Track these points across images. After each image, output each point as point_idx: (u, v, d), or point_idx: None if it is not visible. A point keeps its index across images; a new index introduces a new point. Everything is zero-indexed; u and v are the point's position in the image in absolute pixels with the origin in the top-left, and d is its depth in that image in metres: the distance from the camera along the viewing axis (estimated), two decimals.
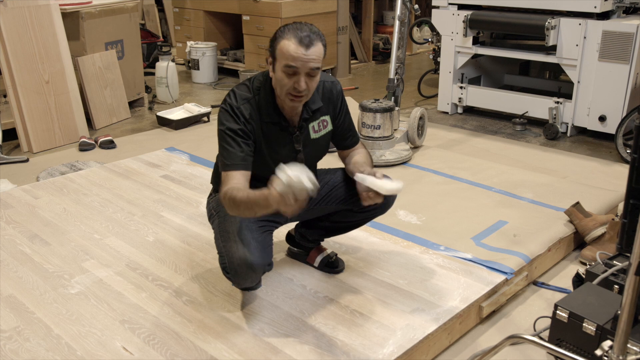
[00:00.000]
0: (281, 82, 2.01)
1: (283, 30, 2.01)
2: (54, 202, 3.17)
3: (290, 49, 1.96)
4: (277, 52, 2.00)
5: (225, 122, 2.05)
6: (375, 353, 1.96)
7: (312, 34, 1.99)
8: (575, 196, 3.14)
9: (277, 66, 2.01)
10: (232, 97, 2.08)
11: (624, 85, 4.14)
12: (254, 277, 2.06)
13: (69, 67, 4.37)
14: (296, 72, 1.98)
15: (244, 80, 2.16)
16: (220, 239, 2.12)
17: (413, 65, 7.25)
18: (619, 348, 1.71)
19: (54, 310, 2.22)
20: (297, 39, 1.96)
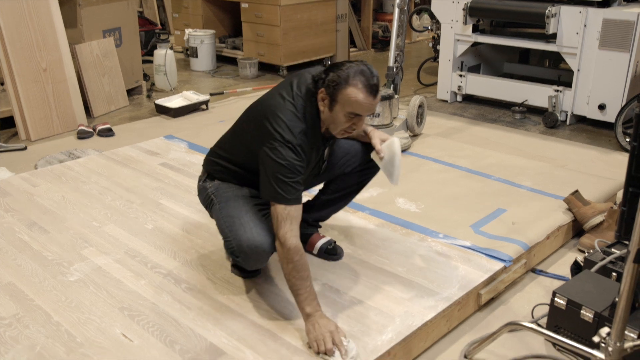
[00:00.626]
0: (338, 122, 2.03)
1: (348, 74, 1.97)
2: (52, 190, 3.16)
3: (359, 98, 1.97)
4: (340, 97, 1.98)
5: (288, 158, 1.97)
6: (373, 340, 1.97)
7: (377, 81, 2.01)
8: (574, 184, 3.14)
9: (337, 108, 2.00)
10: (287, 131, 1.98)
11: (624, 73, 4.13)
12: (264, 258, 2.10)
13: (66, 55, 4.35)
14: (360, 117, 2.02)
15: (281, 96, 2.06)
16: (225, 224, 2.13)
17: (412, 53, 7.22)
18: (616, 335, 1.72)
19: (54, 297, 2.22)
20: (366, 89, 1.97)
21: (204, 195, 2.32)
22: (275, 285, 2.29)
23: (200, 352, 1.92)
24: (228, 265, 2.41)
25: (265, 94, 2.18)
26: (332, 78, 1.99)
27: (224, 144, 2.30)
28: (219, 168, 2.28)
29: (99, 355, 1.91)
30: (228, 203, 2.18)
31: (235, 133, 2.26)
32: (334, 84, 1.98)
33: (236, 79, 6.11)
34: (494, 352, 2.10)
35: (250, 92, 5.40)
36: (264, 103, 2.11)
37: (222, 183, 2.27)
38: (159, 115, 4.77)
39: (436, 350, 2.14)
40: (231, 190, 2.23)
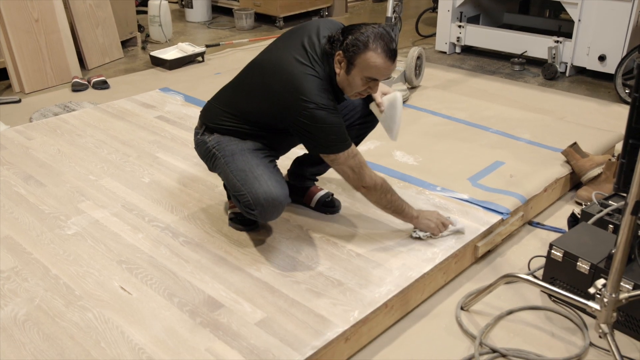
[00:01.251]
0: (354, 85, 2.04)
1: (367, 37, 1.96)
2: (47, 143, 3.14)
3: (378, 62, 1.98)
4: (358, 61, 1.98)
5: (333, 122, 2.01)
6: (372, 292, 1.99)
7: (396, 45, 2.01)
8: (573, 136, 3.12)
9: (354, 72, 2.01)
10: (320, 100, 1.98)
11: (625, 23, 4.06)
12: (280, 210, 2.12)
13: (58, 5, 4.25)
14: (375, 81, 2.04)
15: (303, 67, 2.01)
16: (236, 178, 2.12)
17: (411, 3, 7.09)
18: (612, 286, 1.73)
19: (51, 250, 2.23)
20: (385, 54, 1.98)
21: (204, 149, 2.27)
22: (273, 238, 2.30)
23: (198, 305, 1.94)
24: (225, 218, 2.41)
25: (275, 52, 2.11)
26: (351, 42, 1.97)
27: (229, 101, 2.23)
28: (219, 120, 2.22)
29: (97, 308, 1.93)
30: (235, 157, 2.15)
31: (244, 92, 2.17)
32: (353, 48, 1.97)
33: (232, 30, 6.01)
34: (490, 304, 2.12)
35: (247, 44, 5.32)
36: (282, 68, 2.03)
37: (222, 136, 2.22)
38: (154, 68, 4.70)
39: (433, 302, 2.16)
40: (234, 144, 2.19)
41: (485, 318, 2.06)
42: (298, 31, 2.14)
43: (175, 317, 1.89)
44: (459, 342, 1.98)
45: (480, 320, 2.05)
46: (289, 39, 2.13)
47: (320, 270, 2.10)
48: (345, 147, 2.05)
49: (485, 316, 2.07)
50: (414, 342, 1.98)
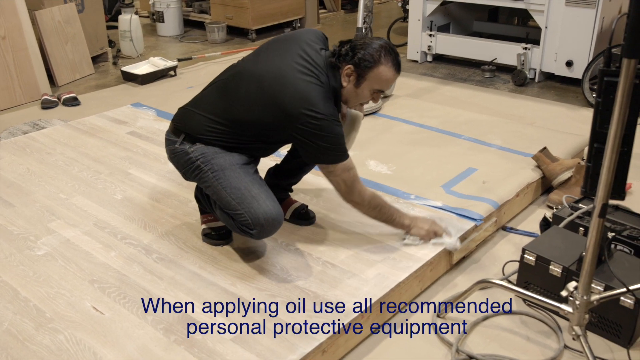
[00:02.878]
0: (361, 97, 2.16)
1: (380, 53, 2.08)
2: (16, 162, 3.09)
3: (389, 76, 2.11)
4: (370, 74, 2.09)
5: (336, 132, 2.05)
6: (348, 303, 1.98)
7: (399, 56, 2.15)
8: (543, 141, 3.16)
9: (364, 85, 2.11)
10: (323, 106, 2.02)
11: (590, 29, 4.13)
12: (278, 228, 2.12)
13: (26, 22, 4.21)
14: (381, 92, 2.18)
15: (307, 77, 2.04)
16: (231, 196, 2.08)
17: (382, 13, 7.15)
18: (583, 288, 1.75)
19: (21, 272, 2.19)
20: (395, 67, 2.12)
21: (185, 160, 2.17)
22: (248, 252, 2.28)
23: (173, 322, 1.92)
24: (199, 234, 2.39)
25: (272, 62, 2.10)
26: (363, 56, 2.06)
27: (217, 110, 2.15)
28: (206, 131, 2.14)
29: (69, 330, 1.89)
30: (225, 173, 2.10)
31: (239, 102, 2.11)
32: (365, 62, 2.07)
33: (204, 43, 6.00)
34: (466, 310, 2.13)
35: (219, 57, 5.30)
36: (285, 79, 2.03)
37: (206, 147, 2.14)
38: (125, 83, 4.67)
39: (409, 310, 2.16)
40: (221, 157, 2.12)
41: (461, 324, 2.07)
42: (289, 41, 2.15)
43: (149, 336, 1.86)
44: (436, 349, 1.98)
45: (457, 328, 2.06)
46: (281, 49, 2.13)
47: (295, 283, 2.09)
48: (343, 158, 2.10)
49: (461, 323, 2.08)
50: (391, 352, 1.97)
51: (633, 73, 1.48)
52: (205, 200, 2.30)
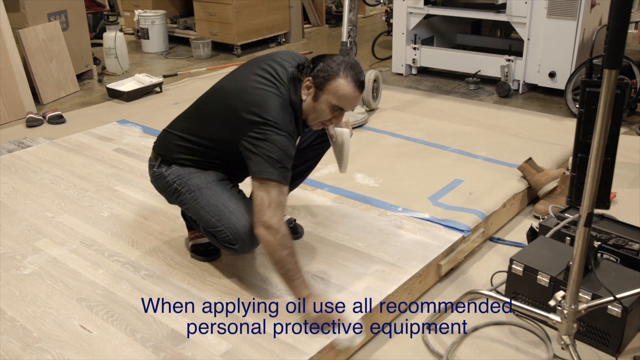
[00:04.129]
0: (320, 114, 2.03)
1: (339, 66, 1.98)
2: (1, 181, 3.06)
3: (347, 91, 1.98)
4: (328, 87, 1.98)
5: (282, 142, 1.94)
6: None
7: (364, 77, 2.04)
8: (528, 152, 3.19)
9: (322, 98, 2.00)
10: (280, 118, 1.95)
11: (571, 41, 4.19)
12: (257, 242, 2.05)
13: (9, 41, 4.19)
14: (342, 110, 2.04)
15: (268, 88, 2.00)
16: (209, 214, 2.08)
17: (366, 27, 7.20)
18: (571, 297, 1.76)
19: (7, 292, 2.16)
20: (355, 83, 1.99)
21: (163, 183, 2.21)
22: (237, 267, 2.28)
23: (162, 339, 1.90)
24: (187, 250, 2.38)
25: (237, 77, 2.11)
26: (322, 68, 1.99)
27: (188, 130, 2.18)
28: (179, 153, 2.18)
29: (57, 350, 1.87)
30: (202, 192, 2.11)
31: (205, 119, 2.14)
32: (323, 74, 1.98)
33: (190, 59, 6.00)
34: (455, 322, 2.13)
35: (205, 73, 5.31)
36: (244, 89, 2.02)
37: (181, 168, 2.17)
38: (111, 100, 4.66)
39: (399, 322, 2.16)
40: (197, 177, 2.14)
41: (451, 336, 2.07)
42: (259, 59, 2.14)
43: (138, 354, 1.85)
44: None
45: (447, 339, 2.06)
46: (250, 65, 2.14)
47: (285, 297, 2.09)
48: (281, 177, 1.93)
49: (451, 334, 2.08)
50: None
51: (614, 83, 1.51)
52: (191, 217, 2.29)
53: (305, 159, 2.41)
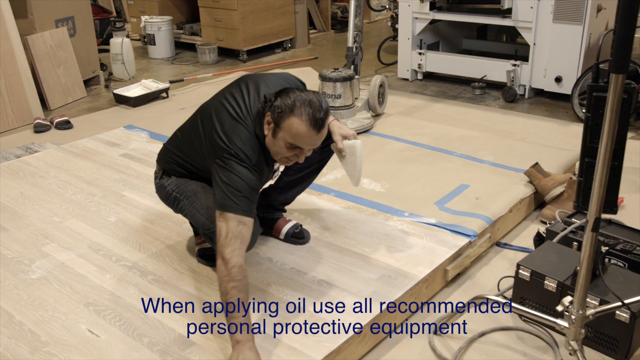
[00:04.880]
0: (279, 150, 1.97)
1: (294, 102, 1.89)
2: (9, 186, 3.08)
3: (301, 130, 1.89)
4: (283, 125, 1.91)
5: (243, 174, 1.91)
6: (344, 321, 1.98)
7: (324, 114, 1.91)
8: (534, 157, 3.19)
9: (279, 136, 1.93)
10: (242, 150, 1.92)
11: (577, 45, 4.19)
12: (254, 241, 2.05)
13: (18, 47, 4.22)
14: (300, 149, 1.96)
15: (238, 118, 1.98)
16: (204, 216, 2.11)
17: (372, 33, 7.21)
18: (578, 303, 1.76)
19: (15, 296, 2.17)
20: (309, 122, 1.88)
21: (164, 193, 2.29)
22: None
23: (169, 344, 1.91)
24: (194, 255, 2.39)
25: (220, 97, 2.10)
26: (279, 104, 1.91)
27: (180, 144, 2.23)
28: (175, 165, 2.26)
29: (64, 354, 1.88)
30: (198, 195, 2.15)
31: (190, 135, 2.17)
32: (279, 111, 1.91)
33: (196, 65, 6.03)
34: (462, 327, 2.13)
35: (211, 78, 5.33)
36: (218, 115, 2.02)
37: (179, 179, 2.25)
38: (118, 105, 4.68)
39: (405, 327, 2.16)
40: (194, 183, 2.21)
41: (458, 341, 2.07)
42: (250, 83, 2.10)
43: (145, 358, 1.85)
44: None
45: (454, 344, 2.06)
46: (233, 87, 2.12)
47: (291, 302, 2.09)
48: (239, 210, 1.87)
49: (458, 339, 2.08)
50: None
51: (621, 88, 1.51)
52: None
53: (310, 163, 2.41)
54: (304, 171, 2.43)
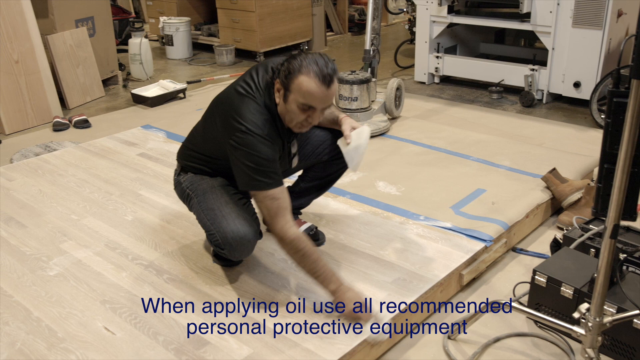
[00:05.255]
0: (293, 115, 1.98)
1: (300, 63, 1.92)
2: (28, 183, 3.12)
3: (311, 87, 1.90)
4: (293, 86, 1.93)
5: (257, 148, 1.93)
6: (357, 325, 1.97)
7: (331, 70, 1.93)
8: (552, 162, 3.17)
9: (290, 99, 1.95)
10: (252, 122, 1.95)
11: (597, 51, 4.16)
12: (249, 248, 2.09)
13: (38, 46, 4.27)
14: (313, 109, 1.96)
15: (241, 90, 2.03)
16: (206, 217, 2.12)
17: (389, 36, 7.21)
18: (595, 310, 1.74)
19: (33, 292, 2.20)
20: (318, 78, 1.90)
21: (180, 190, 2.32)
22: (258, 273, 2.29)
23: (183, 343, 1.92)
24: (210, 255, 2.40)
25: (230, 85, 2.14)
26: (286, 67, 1.94)
27: (195, 137, 2.28)
28: (192, 160, 2.28)
29: (81, 350, 1.90)
30: (206, 195, 2.17)
31: (204, 126, 2.22)
32: (286, 73, 1.93)
33: (213, 66, 6.06)
34: (477, 332, 2.12)
35: (228, 79, 5.35)
36: (228, 97, 2.07)
37: (195, 176, 2.27)
38: (135, 105, 4.71)
39: (419, 331, 2.15)
40: (205, 182, 2.22)
41: (472, 346, 2.06)
42: (259, 66, 2.14)
43: (160, 356, 1.86)
44: None
45: (468, 349, 2.05)
46: (247, 72, 2.15)
47: (305, 304, 2.09)
48: (265, 185, 1.94)
49: (472, 344, 2.07)
50: None
51: None
52: None
53: (328, 172, 2.42)
54: (321, 179, 2.44)
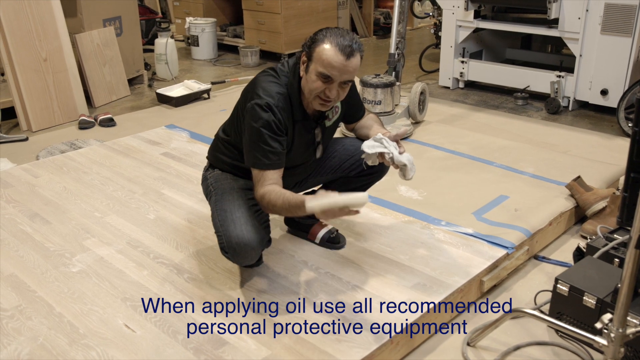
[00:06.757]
0: (312, 85, 2.01)
1: (325, 33, 1.98)
2: (54, 180, 3.16)
3: (329, 55, 1.94)
4: (314, 55, 1.98)
5: (263, 119, 2.00)
6: (377, 328, 1.97)
7: (354, 44, 1.96)
8: (577, 170, 3.13)
9: (311, 68, 2.00)
10: (264, 92, 2.02)
11: (626, 58, 4.10)
12: (253, 256, 2.09)
13: (66, 45, 4.33)
14: (331, 80, 1.98)
15: (267, 71, 2.12)
16: (218, 218, 2.14)
17: (414, 39, 7.18)
18: (618, 321, 1.72)
19: (56, 288, 2.23)
20: (338, 47, 1.94)
21: (205, 185, 2.35)
22: (278, 274, 2.29)
23: (203, 342, 1.93)
24: None
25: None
26: (310, 39, 2.02)
27: (226, 128, 2.32)
28: (220, 154, 2.30)
29: (101, 347, 1.92)
30: (224, 196, 2.18)
31: (232, 117, 2.26)
32: (310, 43, 2.01)
33: (237, 67, 6.09)
34: (497, 340, 2.10)
35: None
36: (252, 87, 2.12)
37: (221, 173, 2.29)
38: (160, 105, 4.76)
39: (439, 338, 2.14)
40: (227, 182, 2.24)
41: (492, 354, 2.04)
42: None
43: (179, 355, 1.88)
44: None
45: (487, 356, 2.03)
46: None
47: (325, 307, 2.09)
48: (254, 163, 2.04)
49: (492, 352, 2.05)
50: None
51: None
52: None
53: (353, 187, 2.40)
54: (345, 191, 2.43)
